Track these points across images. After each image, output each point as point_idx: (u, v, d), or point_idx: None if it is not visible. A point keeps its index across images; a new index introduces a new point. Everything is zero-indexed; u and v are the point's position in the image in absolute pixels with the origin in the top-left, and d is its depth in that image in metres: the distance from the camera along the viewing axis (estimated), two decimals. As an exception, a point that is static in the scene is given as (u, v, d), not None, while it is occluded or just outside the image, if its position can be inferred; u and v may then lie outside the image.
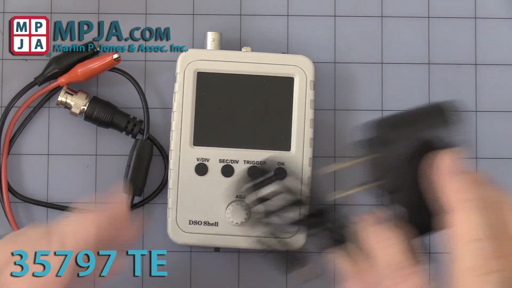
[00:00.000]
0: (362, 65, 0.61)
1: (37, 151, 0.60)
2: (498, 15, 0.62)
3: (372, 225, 0.44)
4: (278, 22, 0.61)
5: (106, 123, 0.59)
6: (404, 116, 0.44)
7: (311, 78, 0.57)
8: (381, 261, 0.42)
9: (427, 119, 0.44)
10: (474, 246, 0.39)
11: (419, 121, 0.44)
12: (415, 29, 0.61)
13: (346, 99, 0.61)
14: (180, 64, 0.57)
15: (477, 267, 0.39)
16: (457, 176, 0.41)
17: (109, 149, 0.60)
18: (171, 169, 0.57)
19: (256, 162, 0.57)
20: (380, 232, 0.43)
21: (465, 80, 0.61)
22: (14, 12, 0.60)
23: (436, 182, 0.42)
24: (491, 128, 0.61)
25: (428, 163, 0.42)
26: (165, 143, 0.59)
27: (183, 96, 0.57)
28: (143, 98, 0.59)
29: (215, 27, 0.60)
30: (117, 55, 0.57)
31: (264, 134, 0.57)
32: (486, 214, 0.40)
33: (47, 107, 0.60)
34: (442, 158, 0.42)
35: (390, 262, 0.42)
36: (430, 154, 0.42)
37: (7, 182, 0.58)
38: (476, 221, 0.40)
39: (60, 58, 0.59)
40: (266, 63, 0.57)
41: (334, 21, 0.61)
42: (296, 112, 0.57)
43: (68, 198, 0.59)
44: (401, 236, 0.43)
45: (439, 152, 0.42)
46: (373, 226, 0.43)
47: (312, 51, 0.60)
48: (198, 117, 0.57)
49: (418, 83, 0.61)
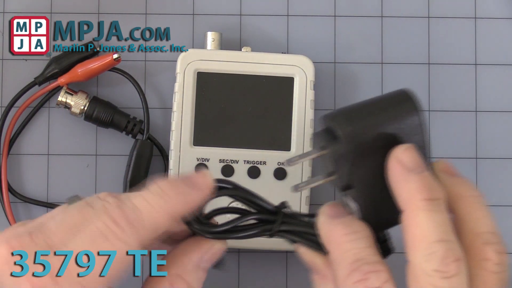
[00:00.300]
0: (362, 65, 0.61)
1: (37, 151, 0.60)
2: (498, 15, 0.62)
3: (332, 218, 0.41)
4: (278, 22, 0.61)
5: (106, 123, 0.59)
6: (365, 106, 0.40)
7: (311, 78, 0.57)
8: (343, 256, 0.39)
9: (390, 109, 0.40)
10: (429, 250, 0.37)
11: (381, 111, 0.39)
12: (415, 29, 0.61)
13: (346, 99, 0.61)
14: (180, 64, 0.57)
15: (433, 272, 0.37)
16: (412, 175, 0.39)
17: (109, 149, 0.60)
18: (171, 169, 0.57)
19: (256, 162, 0.57)
20: (342, 226, 0.40)
21: (465, 80, 0.61)
22: (14, 12, 0.60)
23: (391, 180, 0.39)
24: (491, 128, 0.61)
25: (386, 158, 0.39)
26: (165, 143, 0.59)
27: (183, 96, 0.57)
28: (143, 98, 0.59)
29: (215, 27, 0.60)
30: (117, 55, 0.57)
31: (264, 134, 0.57)
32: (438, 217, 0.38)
33: (47, 107, 0.60)
34: (398, 154, 0.39)
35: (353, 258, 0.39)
36: (389, 149, 0.39)
37: (7, 182, 0.58)
38: (430, 224, 0.37)
39: (60, 58, 0.59)
40: (266, 63, 0.57)
41: (334, 21, 0.61)
42: (296, 112, 0.57)
43: (68, 198, 0.59)
44: (366, 230, 0.40)
45: (397, 148, 0.39)
46: (333, 219, 0.41)
47: (312, 51, 0.60)
48: (198, 117, 0.57)
49: (418, 83, 0.61)
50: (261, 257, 0.59)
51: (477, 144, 0.61)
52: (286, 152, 0.57)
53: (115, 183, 0.59)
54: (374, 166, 0.40)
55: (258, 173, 0.57)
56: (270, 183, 0.57)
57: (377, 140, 0.39)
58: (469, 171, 0.61)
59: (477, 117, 0.61)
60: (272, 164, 0.57)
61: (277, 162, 0.56)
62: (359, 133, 0.39)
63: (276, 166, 0.56)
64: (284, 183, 0.57)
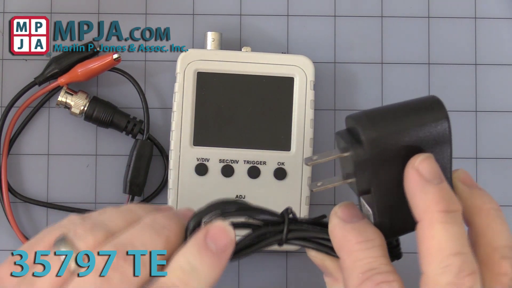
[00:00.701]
0: (362, 65, 0.61)
1: (37, 151, 0.60)
2: (498, 15, 0.62)
3: (345, 222, 0.40)
4: (278, 22, 0.61)
5: (106, 123, 0.59)
6: (392, 110, 0.39)
7: (311, 78, 0.57)
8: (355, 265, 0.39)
9: (417, 116, 0.39)
10: (444, 262, 0.37)
11: (407, 118, 0.39)
12: (415, 29, 0.61)
13: (346, 99, 0.61)
14: (180, 64, 0.57)
15: (447, 285, 0.37)
16: (429, 186, 0.38)
17: (109, 149, 0.60)
18: (171, 169, 0.57)
19: (256, 162, 0.57)
20: (356, 232, 0.40)
21: (465, 80, 0.61)
22: (14, 12, 0.60)
23: (407, 189, 0.39)
24: (491, 128, 0.61)
25: (406, 166, 0.39)
26: (165, 143, 0.59)
27: (183, 96, 0.57)
28: (143, 98, 0.59)
29: (215, 27, 0.60)
30: (117, 55, 0.57)
31: (264, 134, 0.57)
32: (454, 229, 0.37)
33: (47, 107, 0.60)
34: (416, 163, 0.39)
35: (366, 267, 0.39)
36: (410, 156, 0.39)
37: (7, 182, 0.58)
38: (446, 236, 0.37)
39: (60, 58, 0.59)
40: (266, 63, 0.57)
41: (334, 21, 0.61)
42: (296, 112, 0.57)
43: (68, 198, 0.59)
44: (379, 238, 0.40)
45: (416, 157, 0.39)
46: (346, 224, 0.40)
47: (312, 51, 0.60)
48: (198, 117, 0.57)
49: (418, 83, 0.61)
50: (261, 257, 0.59)
51: (477, 144, 0.61)
52: (286, 152, 0.57)
53: (115, 183, 0.59)
54: (394, 173, 0.39)
55: (258, 173, 0.57)
56: (270, 183, 0.57)
57: (400, 147, 0.39)
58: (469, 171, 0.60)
59: (477, 117, 0.61)
60: (272, 164, 0.57)
61: (277, 162, 0.56)
62: (383, 140, 0.38)
63: (276, 166, 0.56)
64: (284, 183, 0.57)
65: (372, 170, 0.39)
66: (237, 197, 0.56)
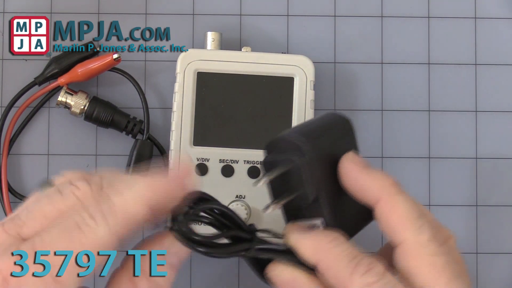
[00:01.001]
0: (362, 65, 0.61)
1: (37, 151, 0.60)
2: (498, 15, 0.62)
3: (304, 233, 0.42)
4: (278, 22, 0.61)
5: (106, 123, 0.59)
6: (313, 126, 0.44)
7: (311, 78, 0.57)
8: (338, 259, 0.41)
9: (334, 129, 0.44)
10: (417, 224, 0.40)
11: (329, 131, 0.44)
12: (415, 29, 0.61)
13: (346, 99, 0.61)
14: (180, 64, 0.57)
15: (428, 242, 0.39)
16: (372, 169, 0.42)
17: (109, 149, 0.60)
18: (171, 169, 0.57)
19: (256, 162, 0.57)
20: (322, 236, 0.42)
21: (465, 80, 0.61)
22: (14, 12, 0.60)
23: (350, 181, 0.42)
24: (491, 128, 0.61)
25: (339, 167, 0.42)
26: (165, 143, 0.59)
27: (183, 96, 0.57)
28: (143, 98, 0.59)
29: (215, 27, 0.60)
30: (117, 55, 0.57)
31: (264, 134, 0.57)
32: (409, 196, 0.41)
33: (47, 107, 0.60)
34: (351, 157, 0.43)
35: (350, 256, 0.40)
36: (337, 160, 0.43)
37: (7, 182, 0.58)
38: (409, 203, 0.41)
39: (60, 58, 0.59)
40: (266, 63, 0.57)
41: (334, 21, 0.61)
42: (296, 112, 0.57)
43: (68, 198, 0.59)
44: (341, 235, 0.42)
45: (347, 154, 0.43)
46: (307, 234, 0.42)
47: (312, 51, 0.60)
48: (198, 117, 0.57)
49: (418, 83, 0.61)
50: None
51: (477, 144, 0.61)
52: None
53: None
54: (333, 176, 0.43)
55: (258, 173, 0.57)
56: (270, 183, 0.57)
57: (329, 153, 0.43)
58: (469, 171, 0.61)
59: (477, 117, 0.61)
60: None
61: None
62: (318, 148, 0.42)
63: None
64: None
65: (318, 173, 0.42)
66: (237, 197, 0.56)
